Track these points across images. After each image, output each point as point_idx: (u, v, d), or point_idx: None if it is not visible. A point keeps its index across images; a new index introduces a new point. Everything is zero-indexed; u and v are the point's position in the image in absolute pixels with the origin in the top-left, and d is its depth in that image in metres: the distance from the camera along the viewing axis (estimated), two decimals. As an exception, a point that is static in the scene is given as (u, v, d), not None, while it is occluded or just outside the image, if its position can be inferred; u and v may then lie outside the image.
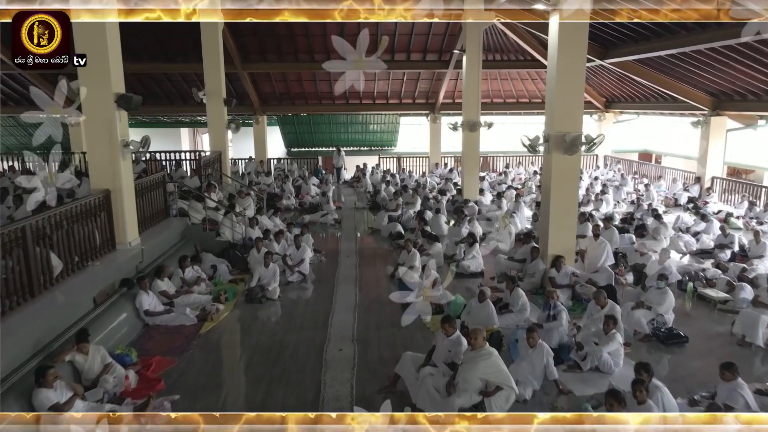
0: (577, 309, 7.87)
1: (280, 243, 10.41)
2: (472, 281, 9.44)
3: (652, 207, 13.19)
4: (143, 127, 25.89)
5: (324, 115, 23.26)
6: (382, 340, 6.96)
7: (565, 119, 8.15)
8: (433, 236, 10.29)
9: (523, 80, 20.45)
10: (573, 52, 8.02)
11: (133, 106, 7.96)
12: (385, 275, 9.60)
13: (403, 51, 18.04)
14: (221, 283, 9.02)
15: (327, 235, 12.85)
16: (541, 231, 8.87)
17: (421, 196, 15.55)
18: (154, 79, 19.20)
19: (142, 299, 7.39)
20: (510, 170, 21.34)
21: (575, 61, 8.04)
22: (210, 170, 13.20)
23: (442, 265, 10.09)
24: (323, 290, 8.91)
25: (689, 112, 16.79)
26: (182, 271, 8.52)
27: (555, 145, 8.24)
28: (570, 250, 8.56)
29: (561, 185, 8.36)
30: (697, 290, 8.29)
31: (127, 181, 8.18)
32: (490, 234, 12.02)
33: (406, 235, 12.17)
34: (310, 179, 18.97)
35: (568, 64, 7.99)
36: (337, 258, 10.72)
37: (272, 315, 8.03)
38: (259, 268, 8.75)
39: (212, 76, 14.11)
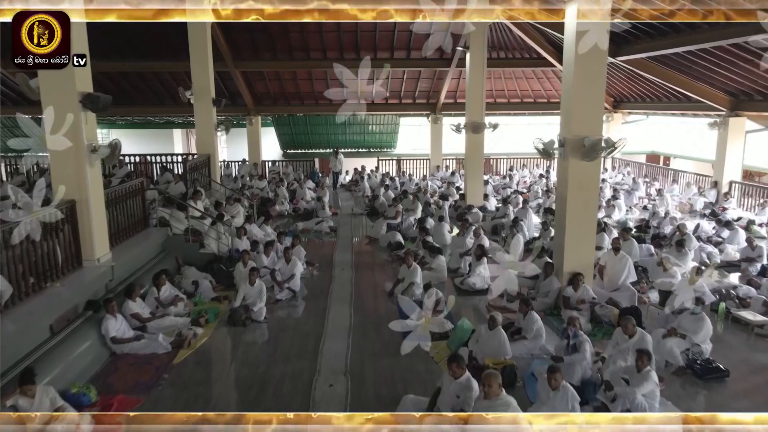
0: (597, 334, 7.04)
1: (270, 255, 9.58)
2: (479, 299, 8.61)
3: (671, 215, 12.30)
4: (133, 128, 25.11)
5: (321, 116, 22.44)
6: (379, 373, 6.12)
7: (584, 121, 7.32)
8: (436, 248, 9.44)
9: (528, 79, 19.61)
10: (593, 47, 7.16)
11: (101, 106, 7.09)
12: (383, 292, 8.76)
13: (402, 49, 17.20)
14: (202, 303, 8.17)
15: (321, 244, 11.99)
16: (556, 245, 8.03)
17: (422, 201, 14.72)
18: (142, 78, 18.35)
19: (108, 324, 6.55)
20: (514, 173, 20.49)
21: (596, 58, 7.19)
22: (197, 175, 12.35)
23: (444, 280, 9.25)
24: (314, 310, 8.07)
25: (704, 112, 15.96)
26: (157, 290, 7.67)
27: (572, 149, 7.40)
28: (588, 266, 7.72)
29: (579, 194, 7.52)
30: (730, 312, 7.45)
31: (95, 191, 7.32)
32: (495, 243, 11.22)
33: (406, 244, 11.35)
34: (306, 183, 18.12)
35: (587, 61, 7.13)
36: (331, 271, 9.87)
37: (256, 340, 7.19)
38: (243, 286, 7.91)
39: (200, 74, 13.28)
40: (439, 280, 9.18)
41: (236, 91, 19.10)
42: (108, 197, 8.13)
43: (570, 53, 7.40)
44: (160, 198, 11.37)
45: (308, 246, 11.48)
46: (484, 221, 13.27)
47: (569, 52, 7.44)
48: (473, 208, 13.64)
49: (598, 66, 7.25)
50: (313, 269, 9.81)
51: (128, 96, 19.06)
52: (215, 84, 18.54)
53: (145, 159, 16.96)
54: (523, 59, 17.79)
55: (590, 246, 7.71)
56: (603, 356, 6.10)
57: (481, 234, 10.06)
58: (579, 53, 6.55)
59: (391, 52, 17.19)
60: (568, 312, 7.36)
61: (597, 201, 7.86)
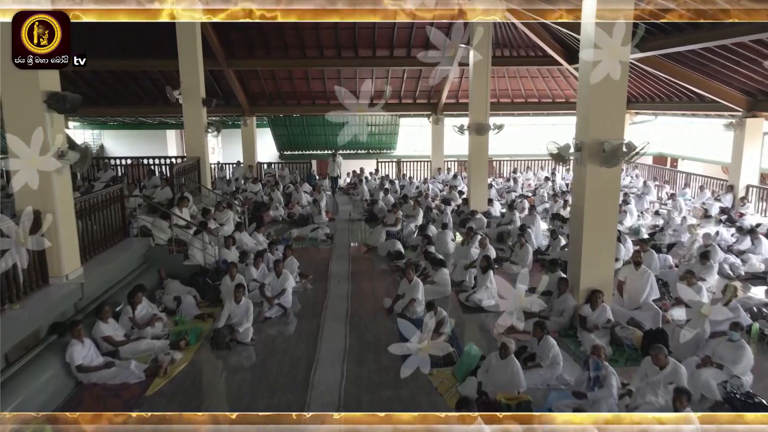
0: (620, 359, 6.35)
1: (260, 268, 8.89)
2: (485, 316, 7.92)
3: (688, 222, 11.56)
4: (125, 129, 24.42)
5: (318, 116, 21.73)
6: (377, 407, 5.40)
7: (603, 124, 6.62)
8: (439, 260, 8.73)
9: (533, 78, 18.89)
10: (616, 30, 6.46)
11: (69, 107, 6.42)
12: (382, 309, 8.05)
13: (402, 46, 16.48)
14: (183, 322, 7.47)
15: (316, 253, 11.28)
16: (572, 258, 7.32)
17: (423, 206, 14.02)
18: (132, 77, 17.63)
19: (74, 351, 5.86)
20: (518, 175, 19.78)
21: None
22: (184, 180, 11.65)
23: (448, 294, 8.57)
24: (307, 329, 7.37)
25: (717, 113, 15.27)
26: (132, 309, 6.97)
27: (590, 154, 6.71)
28: (607, 282, 7.03)
29: (597, 203, 6.82)
30: (765, 333, 6.75)
31: (63, 200, 6.61)
32: (501, 252, 10.53)
33: (406, 253, 10.66)
34: (302, 186, 17.42)
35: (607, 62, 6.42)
36: (326, 284, 9.17)
37: (241, 366, 6.48)
38: (228, 304, 7.21)
39: (189, 72, 12.59)
40: (442, 295, 8.51)
41: (230, 91, 18.40)
42: (80, 206, 7.44)
43: (588, 50, 6.69)
44: (144, 204, 10.69)
45: (302, 255, 10.80)
46: (488, 228, 12.57)
47: (587, 46, 6.73)
48: (477, 214, 12.94)
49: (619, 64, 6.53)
50: (307, 282, 9.11)
51: (119, 96, 18.37)
52: (208, 83, 17.94)
53: (137, 161, 16.23)
54: (528, 57, 17.10)
55: (609, 260, 7.01)
56: (629, 389, 5.41)
57: (487, 244, 9.36)
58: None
59: (390, 50, 16.49)
60: (586, 334, 6.68)
61: (617, 211, 7.17)
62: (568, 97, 19.39)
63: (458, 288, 8.86)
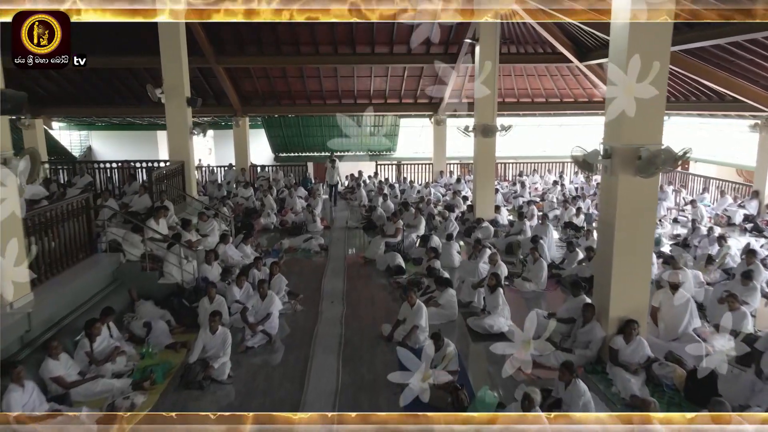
0: (660, 403, 5.37)
1: (243, 287, 7.92)
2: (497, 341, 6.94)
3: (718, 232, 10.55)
4: (113, 130, 23.47)
5: (315, 117, 20.80)
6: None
7: (639, 127, 5.65)
8: (445, 280, 7.75)
9: (541, 77, 17.90)
10: (655, 33, 5.54)
11: (11, 107, 5.43)
12: (380, 335, 7.08)
13: (402, 43, 15.46)
14: (150, 355, 6.49)
15: (308, 266, 10.30)
16: (600, 282, 6.35)
17: (425, 213, 13.07)
18: (116, 75, 16.63)
19: (11, 399, 4.90)
20: (525, 178, 18.81)
21: (656, 45, 5.56)
22: (165, 186, 10.67)
23: (455, 318, 7.60)
24: (293, 364, 6.39)
25: (738, 113, 14.31)
26: (90, 342, 6.00)
27: (622, 162, 5.74)
28: (642, 310, 6.06)
29: (631, 219, 5.85)
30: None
31: (8, 214, 5.65)
32: (512, 267, 9.57)
33: (408, 267, 9.71)
34: (297, 190, 16.47)
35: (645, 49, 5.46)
36: (318, 305, 8.20)
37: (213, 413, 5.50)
38: (203, 334, 6.24)
39: (172, 69, 11.61)
40: (448, 319, 7.56)
41: (221, 90, 17.42)
42: (34, 221, 6.49)
43: (621, 40, 5.73)
44: (120, 214, 9.73)
45: (293, 268, 9.87)
46: (495, 237, 11.62)
47: (619, 39, 5.77)
48: (483, 222, 11.99)
49: (659, 54, 5.57)
50: (296, 303, 8.14)
51: (104, 95, 17.37)
52: (197, 82, 17.03)
53: (128, 164, 15.16)
54: (536, 54, 16.09)
55: (644, 285, 6.04)
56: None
57: (498, 260, 8.38)
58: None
59: (390, 47, 15.49)
60: (618, 370, 5.72)
61: (654, 227, 6.20)
62: (576, 96, 18.44)
63: (466, 310, 7.90)
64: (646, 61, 5.08)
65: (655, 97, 5.66)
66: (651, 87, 5.03)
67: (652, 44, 5.55)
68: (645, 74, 5.05)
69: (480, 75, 11.46)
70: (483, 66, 12.06)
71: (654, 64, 5.05)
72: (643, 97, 5.04)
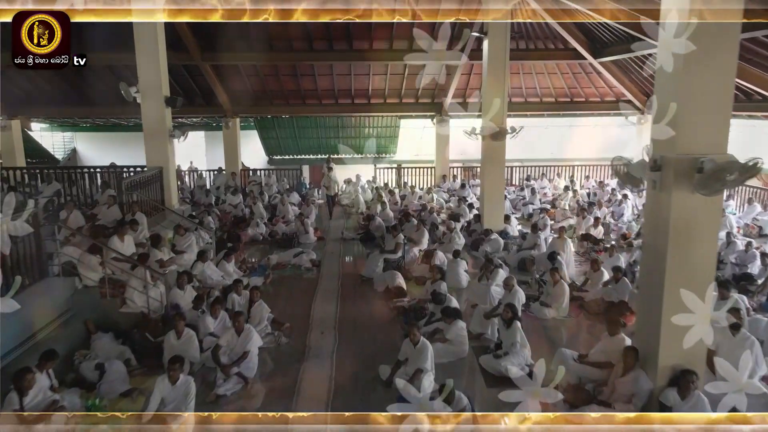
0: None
1: (219, 316, 6.81)
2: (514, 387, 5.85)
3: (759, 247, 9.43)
4: (98, 131, 22.35)
5: (310, 118, 19.69)
6: None
7: (700, 133, 4.55)
8: (452, 311, 6.61)
9: (551, 75, 16.75)
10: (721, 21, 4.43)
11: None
12: (378, 379, 5.97)
13: (403, 38, 14.35)
14: (99, 407, 5.36)
15: (297, 287, 9.16)
16: (644, 321, 5.23)
17: (428, 222, 11.96)
18: (96, 73, 15.48)
19: None
20: (533, 183, 17.67)
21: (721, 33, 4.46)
22: (138, 196, 9.56)
23: (464, 355, 6.48)
24: (270, 423, 5.26)
25: (764, 114, 13.23)
26: (20, 398, 4.87)
27: (677, 176, 4.63)
28: (699, 358, 4.94)
29: (686, 246, 4.74)
30: None
31: None
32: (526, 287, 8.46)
33: (409, 287, 8.61)
34: (290, 196, 15.35)
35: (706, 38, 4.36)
36: (306, 336, 7.09)
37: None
38: (161, 384, 5.13)
39: (148, 65, 10.55)
40: (456, 356, 6.45)
41: (210, 90, 16.30)
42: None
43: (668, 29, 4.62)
44: (85, 227, 8.64)
45: (281, 288, 8.81)
46: (506, 250, 10.51)
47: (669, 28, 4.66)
48: (492, 234, 10.86)
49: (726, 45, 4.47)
50: (281, 334, 7.03)
51: (83, 95, 16.21)
52: (183, 81, 15.95)
53: (115, 168, 13.97)
54: (547, 50, 14.98)
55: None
56: None
57: (514, 285, 7.22)
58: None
59: (390, 42, 14.39)
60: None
61: (715, 257, 5.06)
62: (588, 95, 17.31)
63: (477, 343, 6.79)
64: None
65: (719, 96, 4.57)
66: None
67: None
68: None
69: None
70: (488, 67, 10.96)
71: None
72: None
